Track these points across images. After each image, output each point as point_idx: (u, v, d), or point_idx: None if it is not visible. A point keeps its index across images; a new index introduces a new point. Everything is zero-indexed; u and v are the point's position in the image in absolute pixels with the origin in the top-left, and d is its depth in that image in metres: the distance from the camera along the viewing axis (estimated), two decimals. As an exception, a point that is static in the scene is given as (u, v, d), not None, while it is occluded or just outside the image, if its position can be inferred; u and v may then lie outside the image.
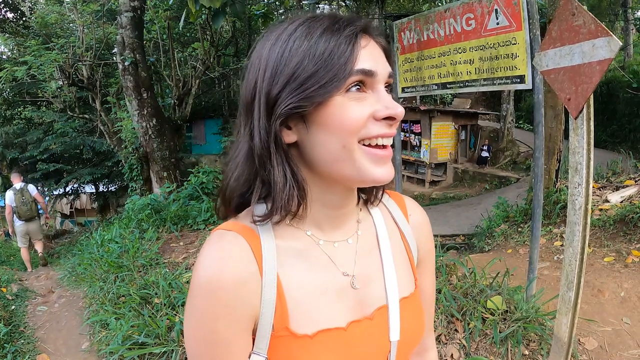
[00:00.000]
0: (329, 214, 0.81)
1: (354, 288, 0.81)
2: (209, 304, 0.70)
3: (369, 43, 0.73)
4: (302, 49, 0.70)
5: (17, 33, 15.39)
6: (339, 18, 0.73)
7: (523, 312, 3.09)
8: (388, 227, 0.91)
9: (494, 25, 3.40)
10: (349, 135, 0.70)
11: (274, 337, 0.73)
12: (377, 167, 0.73)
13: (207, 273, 0.71)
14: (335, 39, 0.69)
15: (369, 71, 0.70)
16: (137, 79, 8.80)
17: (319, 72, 0.68)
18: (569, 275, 2.30)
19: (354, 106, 0.70)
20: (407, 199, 0.99)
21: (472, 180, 17.57)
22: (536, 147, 3.30)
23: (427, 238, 0.98)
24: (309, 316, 0.75)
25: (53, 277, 6.79)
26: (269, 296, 0.73)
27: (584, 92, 2.18)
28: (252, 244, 0.75)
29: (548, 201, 6.15)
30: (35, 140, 15.38)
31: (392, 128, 0.74)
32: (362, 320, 0.80)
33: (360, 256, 0.84)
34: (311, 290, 0.77)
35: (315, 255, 0.80)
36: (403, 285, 0.87)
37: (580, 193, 2.27)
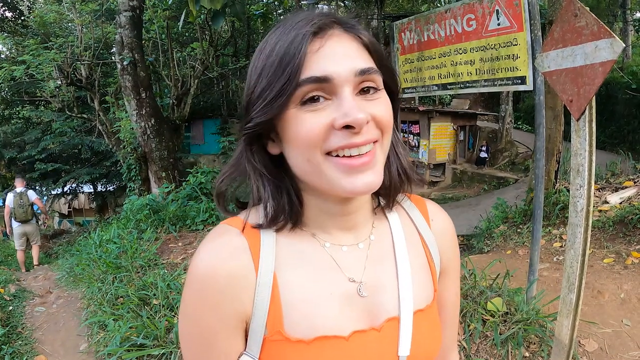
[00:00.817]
0: (335, 218, 0.78)
1: (361, 296, 0.76)
2: (199, 297, 0.71)
3: (324, 44, 0.66)
4: (260, 62, 0.69)
5: (16, 32, 15.35)
6: (292, 22, 0.68)
7: (523, 314, 3.08)
8: (407, 233, 0.85)
9: (495, 26, 3.39)
10: (309, 149, 0.66)
11: (268, 341, 0.71)
12: (348, 178, 0.67)
13: (200, 267, 0.71)
14: (285, 48, 0.66)
15: (319, 78, 0.64)
16: (135, 78, 8.79)
17: (270, 86, 0.66)
18: (570, 277, 2.29)
19: (308, 118, 0.66)
20: (430, 203, 0.92)
21: (470, 180, 17.56)
22: (537, 148, 3.29)
23: (452, 245, 0.91)
24: (307, 321, 0.72)
25: (51, 278, 6.77)
26: (262, 297, 0.71)
27: (586, 93, 2.18)
28: (251, 241, 0.74)
29: (547, 202, 6.14)
30: (34, 140, 15.35)
31: (357, 137, 0.65)
32: (368, 331, 0.74)
33: (371, 262, 0.79)
34: (312, 294, 0.73)
35: (320, 258, 0.76)
36: (420, 296, 0.80)
37: (582, 195, 2.26)
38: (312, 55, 0.65)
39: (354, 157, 0.66)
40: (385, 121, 0.69)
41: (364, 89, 0.68)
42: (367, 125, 0.66)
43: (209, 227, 7.03)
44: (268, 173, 0.74)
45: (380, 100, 0.69)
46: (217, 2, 3.29)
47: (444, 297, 0.91)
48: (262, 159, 0.74)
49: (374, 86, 0.68)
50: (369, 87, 0.68)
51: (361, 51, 0.69)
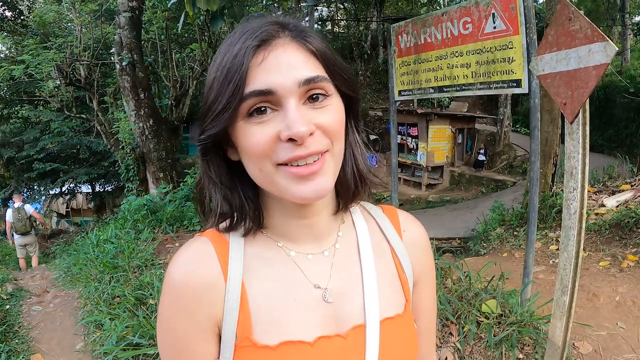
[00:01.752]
0: (297, 224, 0.79)
1: (327, 302, 0.77)
2: (171, 305, 0.73)
3: (267, 56, 0.66)
4: (211, 74, 0.71)
5: (15, 32, 15.34)
6: (240, 33, 0.69)
7: (518, 316, 3.09)
8: (375, 243, 0.86)
9: (491, 29, 3.41)
10: (259, 160, 0.68)
11: (238, 347, 0.72)
12: (298, 186, 0.68)
13: (171, 276, 0.73)
14: (230, 62, 0.66)
15: (261, 91, 0.65)
16: (134, 79, 8.80)
17: (217, 99, 0.68)
18: (563, 279, 2.30)
19: (255, 131, 0.67)
20: (401, 213, 0.93)
21: (468, 183, 17.58)
22: (532, 151, 3.31)
23: (425, 255, 0.91)
24: (274, 327, 0.73)
25: (48, 277, 6.76)
26: (231, 303, 0.73)
27: (580, 96, 2.19)
28: (219, 250, 0.76)
29: (544, 205, 6.17)
30: (32, 140, 15.30)
31: (301, 149, 0.65)
32: (334, 338, 0.75)
33: (336, 270, 0.80)
34: (278, 301, 0.75)
35: (285, 266, 0.78)
36: (388, 304, 0.80)
37: (576, 197, 2.27)
38: (255, 68, 0.65)
39: (302, 166, 0.67)
40: (334, 129, 0.69)
41: (312, 96, 0.68)
42: (312, 136, 0.66)
43: (206, 228, 7.03)
44: (220, 181, 0.76)
45: (328, 108, 0.69)
46: (214, 3, 3.30)
47: (419, 306, 0.91)
48: (217, 167, 0.76)
49: (322, 93, 0.69)
50: (317, 94, 0.68)
51: (308, 59, 0.68)
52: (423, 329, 0.93)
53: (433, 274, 0.94)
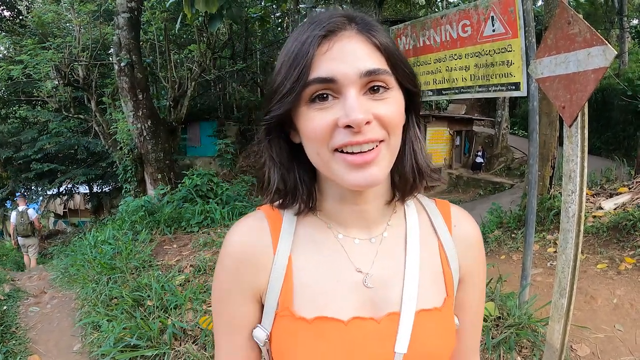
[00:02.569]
0: (349, 210, 0.82)
1: (367, 287, 0.80)
2: (223, 265, 0.83)
3: (332, 46, 0.69)
4: (280, 58, 0.75)
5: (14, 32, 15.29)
6: (309, 22, 0.73)
7: (516, 319, 3.09)
8: (424, 236, 0.87)
9: (489, 32, 3.42)
10: (317, 144, 0.72)
11: (278, 316, 0.78)
12: (351, 173, 0.71)
13: (225, 242, 0.83)
14: (297, 49, 0.70)
15: (324, 79, 0.68)
16: (132, 80, 8.78)
17: (283, 83, 0.72)
18: (561, 282, 2.31)
19: (315, 116, 0.70)
20: (455, 208, 0.92)
21: (466, 185, 17.60)
22: (530, 154, 3.31)
23: (474, 253, 0.90)
24: (313, 302, 0.78)
25: (46, 278, 6.75)
26: (277, 274, 0.79)
27: (579, 100, 2.19)
28: (273, 225, 0.83)
29: (542, 207, 6.17)
30: (30, 140, 15.23)
31: (358, 135, 0.68)
32: (368, 320, 0.78)
33: (380, 257, 0.83)
34: (320, 278, 0.79)
35: (332, 247, 0.82)
36: (427, 296, 0.81)
37: (574, 201, 2.28)
38: (320, 57, 0.69)
39: (357, 154, 0.70)
40: (391, 121, 0.71)
41: (373, 87, 0.70)
42: (369, 125, 0.69)
43: (204, 229, 7.03)
44: (280, 161, 0.80)
45: (388, 100, 0.71)
46: (213, 5, 3.30)
47: (464, 303, 0.91)
48: (278, 148, 0.81)
49: (383, 85, 0.71)
50: (378, 86, 0.70)
51: (372, 52, 0.71)
52: (466, 326, 0.92)
53: (482, 272, 0.93)
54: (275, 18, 21.35)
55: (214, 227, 7.11)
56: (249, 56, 19.70)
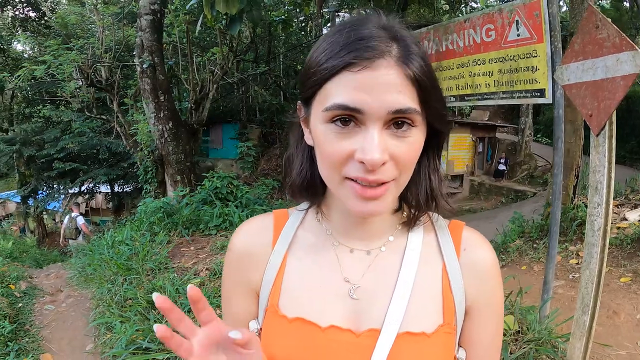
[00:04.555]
0: (351, 221, 0.82)
1: (352, 298, 0.78)
2: (226, 262, 0.89)
3: (366, 73, 0.64)
4: (316, 48, 0.71)
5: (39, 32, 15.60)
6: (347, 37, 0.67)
7: (535, 334, 2.97)
8: (426, 256, 0.81)
9: (514, 36, 3.32)
10: (330, 168, 0.70)
11: (267, 311, 0.82)
12: (356, 201, 0.69)
13: (232, 239, 0.89)
14: (325, 61, 0.67)
15: (348, 107, 0.65)
16: (154, 81, 8.84)
17: (304, 85, 0.72)
18: (584, 298, 2.20)
19: (332, 140, 0.68)
20: (468, 231, 0.85)
21: (488, 193, 17.35)
22: (555, 163, 3.20)
23: (485, 281, 0.82)
24: (296, 302, 0.80)
25: (63, 276, 6.81)
26: (271, 272, 0.83)
27: (607, 108, 2.10)
28: (277, 225, 0.87)
29: (565, 218, 6.01)
30: (53, 139, 15.51)
31: (370, 174, 0.66)
32: (346, 331, 0.76)
33: (373, 270, 0.80)
34: (308, 281, 0.81)
35: (326, 253, 0.83)
36: (416, 320, 0.76)
37: (600, 213, 2.18)
38: (350, 78, 0.64)
39: (365, 187, 0.68)
40: (406, 162, 0.69)
41: (398, 121, 0.67)
42: (383, 165, 0.66)
43: (222, 232, 7.01)
44: (301, 157, 0.82)
45: (409, 140, 0.68)
46: (233, 7, 3.27)
47: (471, 338, 0.83)
48: (301, 144, 0.82)
49: (408, 122, 0.67)
50: (403, 122, 0.67)
51: (405, 85, 0.65)
52: None
53: (496, 305, 0.84)
54: (298, 22, 21.40)
55: (232, 230, 7.07)
56: (272, 59, 19.76)
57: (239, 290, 0.87)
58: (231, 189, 8.29)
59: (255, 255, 0.85)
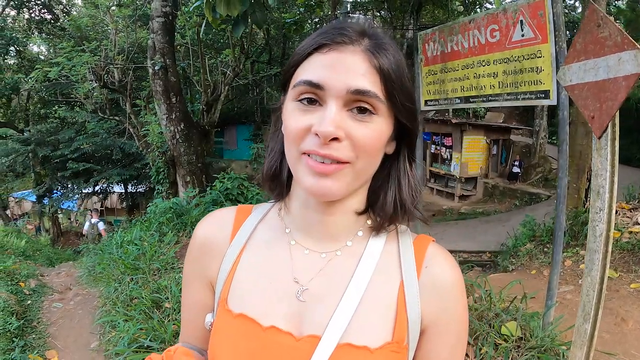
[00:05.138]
0: (311, 217, 0.80)
1: (299, 299, 0.77)
2: (187, 255, 0.90)
3: (333, 54, 0.69)
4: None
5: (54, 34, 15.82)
6: (325, 28, 0.73)
7: (538, 340, 2.91)
8: (383, 267, 0.78)
9: (518, 37, 3.25)
10: (290, 143, 0.72)
11: (219, 304, 0.81)
12: (309, 177, 0.70)
13: (195, 230, 0.89)
14: (301, 49, 0.73)
15: (312, 83, 0.68)
16: (166, 83, 8.90)
17: (283, 75, 0.77)
18: (586, 306, 2.14)
19: (296, 115, 0.71)
20: (433, 248, 0.82)
21: (502, 195, 17.15)
22: (560, 166, 3.13)
23: (447, 302, 0.78)
24: (242, 298, 0.79)
25: (73, 275, 6.89)
26: (226, 265, 0.83)
27: (609, 109, 2.04)
28: (238, 220, 0.87)
29: (576, 221, 5.91)
30: (67, 139, 15.66)
31: (323, 148, 0.67)
32: (286, 334, 0.74)
33: (324, 274, 0.78)
34: (256, 278, 0.80)
35: (280, 251, 0.81)
36: (362, 332, 0.73)
37: (602, 219, 2.12)
38: (318, 59, 0.70)
39: (319, 163, 0.69)
40: (363, 145, 0.69)
41: (360, 107, 0.69)
42: (337, 142, 0.68)
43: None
44: (273, 149, 0.84)
45: (368, 124, 0.69)
46: (234, 9, 3.26)
47: (429, 358, 0.79)
48: (276, 137, 0.84)
49: (369, 109, 0.69)
50: (365, 108, 0.69)
51: (369, 73, 0.68)
52: None
53: (459, 328, 0.80)
54: (313, 24, 21.43)
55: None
56: (286, 61, 19.79)
57: (197, 280, 0.88)
58: (242, 190, 8.31)
59: (214, 248, 0.85)
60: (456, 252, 9.80)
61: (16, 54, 17.39)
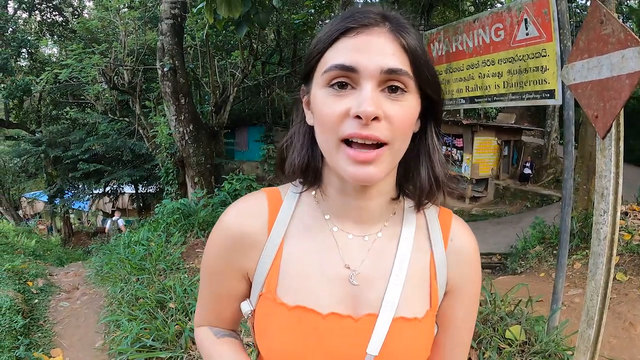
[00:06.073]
0: (349, 204, 0.82)
1: (352, 284, 0.81)
2: (216, 241, 0.87)
3: (362, 37, 0.71)
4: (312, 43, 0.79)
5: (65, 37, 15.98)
6: (342, 15, 0.75)
7: (543, 345, 2.85)
8: (417, 243, 0.86)
9: (523, 35, 3.20)
10: (327, 131, 0.73)
11: (262, 296, 0.82)
12: (351, 166, 0.72)
13: (224, 221, 0.86)
14: (325, 35, 0.74)
15: (345, 66, 0.70)
16: (175, 84, 8.95)
17: (306, 64, 0.78)
18: (589, 311, 2.09)
19: (330, 102, 0.71)
20: (456, 220, 0.91)
21: (513, 197, 16.97)
22: (566, 167, 3.07)
23: (466, 268, 0.89)
24: (295, 290, 0.80)
25: (81, 274, 6.93)
26: (266, 258, 0.82)
27: (613, 108, 1.98)
28: (272, 207, 0.85)
29: (586, 224, 5.82)
30: (78, 140, 15.83)
31: (365, 129, 0.69)
32: (346, 317, 0.79)
33: (371, 256, 0.83)
34: (307, 268, 0.81)
35: (325, 239, 0.83)
36: (409, 305, 0.81)
37: (606, 221, 2.06)
38: (346, 42, 0.71)
39: (359, 150, 0.71)
40: (400, 123, 0.72)
41: (392, 87, 0.71)
42: (377, 122, 0.69)
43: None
44: (301, 139, 0.84)
45: (402, 103, 0.72)
46: (236, 11, 3.25)
47: (449, 318, 0.89)
48: (300, 126, 0.85)
49: (401, 87, 0.72)
50: (396, 87, 0.71)
51: (398, 51, 0.71)
52: (447, 339, 0.91)
53: (474, 290, 0.91)
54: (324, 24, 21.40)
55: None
56: (297, 61, 19.82)
57: (230, 272, 0.86)
58: (250, 191, 8.30)
59: (250, 238, 0.84)
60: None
61: (28, 56, 17.62)
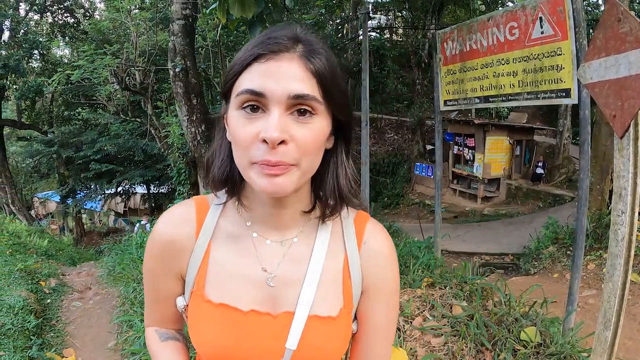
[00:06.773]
0: (267, 212, 0.89)
1: (269, 285, 0.88)
2: (151, 249, 0.94)
3: (271, 63, 0.74)
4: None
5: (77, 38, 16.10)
6: (262, 36, 0.79)
7: (558, 347, 2.82)
8: (333, 246, 0.93)
9: (538, 34, 3.16)
10: (239, 150, 0.78)
11: (193, 293, 0.89)
12: (262, 178, 0.76)
13: (155, 230, 0.93)
14: (240, 59, 0.77)
15: (254, 91, 0.73)
16: (187, 85, 8.96)
17: (224, 84, 0.82)
18: (606, 313, 2.06)
19: (241, 124, 0.76)
20: (371, 224, 0.97)
21: (525, 197, 16.81)
22: (581, 167, 3.02)
23: (380, 269, 0.95)
24: (220, 289, 0.88)
25: (94, 274, 6.99)
26: (195, 260, 0.90)
27: (631, 108, 1.95)
28: (199, 215, 0.92)
29: (600, 224, 5.75)
30: (90, 141, 15.95)
31: (273, 154, 0.73)
32: (264, 315, 0.86)
33: (287, 260, 0.90)
34: (229, 270, 0.89)
35: (245, 244, 0.91)
36: (323, 304, 0.88)
37: (624, 222, 2.03)
38: (257, 68, 0.75)
39: (269, 166, 0.75)
40: (306, 145, 0.76)
41: (300, 110, 0.75)
42: (284, 145, 0.74)
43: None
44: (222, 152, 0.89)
45: (310, 125, 0.76)
46: (249, 11, 3.24)
47: (366, 317, 0.96)
48: (222, 140, 0.90)
49: (309, 110, 0.76)
50: (305, 110, 0.76)
51: (306, 77, 0.75)
52: (367, 335, 0.97)
53: (389, 289, 0.97)
54: (335, 25, 21.40)
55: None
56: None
57: (162, 276, 0.94)
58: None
59: (180, 245, 0.91)
60: (478, 254, 9.65)
61: (40, 57, 17.81)
